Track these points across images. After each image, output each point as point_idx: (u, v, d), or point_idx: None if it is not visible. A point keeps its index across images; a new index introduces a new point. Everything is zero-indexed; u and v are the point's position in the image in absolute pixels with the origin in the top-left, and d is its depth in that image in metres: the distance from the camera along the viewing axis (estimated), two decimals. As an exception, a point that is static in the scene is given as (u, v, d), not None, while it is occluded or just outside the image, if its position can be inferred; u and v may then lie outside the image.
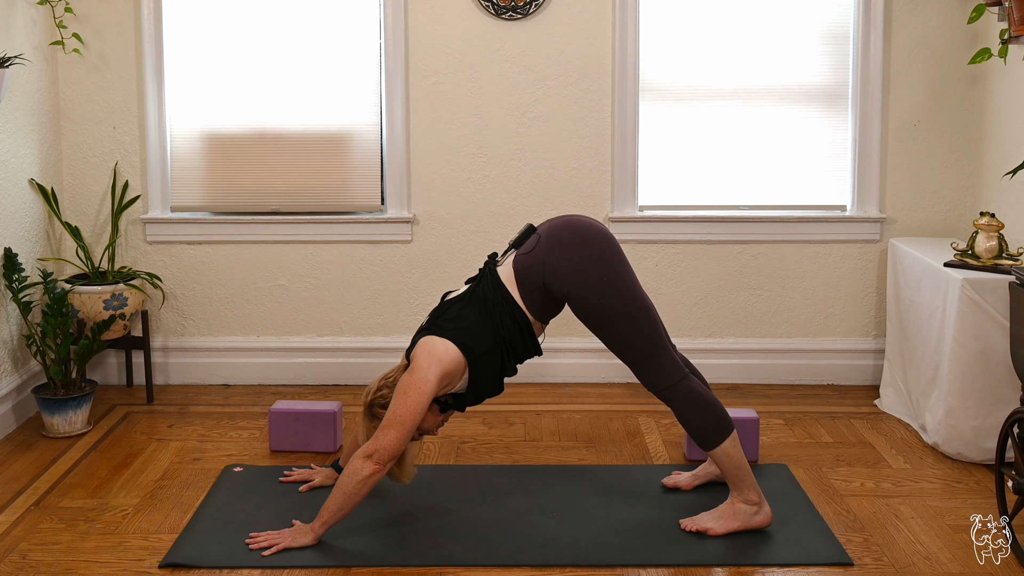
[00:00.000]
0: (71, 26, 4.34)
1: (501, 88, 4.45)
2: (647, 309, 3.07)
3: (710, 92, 4.48)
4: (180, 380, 4.59)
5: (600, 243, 3.06)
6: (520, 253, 3.09)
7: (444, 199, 4.52)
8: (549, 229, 3.10)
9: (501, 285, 3.05)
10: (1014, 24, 3.57)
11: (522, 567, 2.91)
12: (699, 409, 3.07)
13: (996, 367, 3.56)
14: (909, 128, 4.46)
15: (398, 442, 2.90)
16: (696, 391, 3.08)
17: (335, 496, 2.95)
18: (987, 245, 3.72)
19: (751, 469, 3.12)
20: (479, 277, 3.13)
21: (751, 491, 3.07)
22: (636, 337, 3.04)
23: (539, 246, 3.06)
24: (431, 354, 2.96)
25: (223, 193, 4.53)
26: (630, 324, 3.04)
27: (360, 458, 2.91)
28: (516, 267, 3.07)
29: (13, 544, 3.04)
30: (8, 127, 4.00)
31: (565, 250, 3.03)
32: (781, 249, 4.54)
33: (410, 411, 2.90)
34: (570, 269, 3.01)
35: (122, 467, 3.64)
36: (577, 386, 4.53)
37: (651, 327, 3.06)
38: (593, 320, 3.07)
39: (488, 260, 3.15)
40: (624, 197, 4.49)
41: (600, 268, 3.03)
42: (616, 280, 3.04)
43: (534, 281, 3.04)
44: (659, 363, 3.06)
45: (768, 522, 3.09)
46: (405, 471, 3.08)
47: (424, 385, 2.92)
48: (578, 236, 3.06)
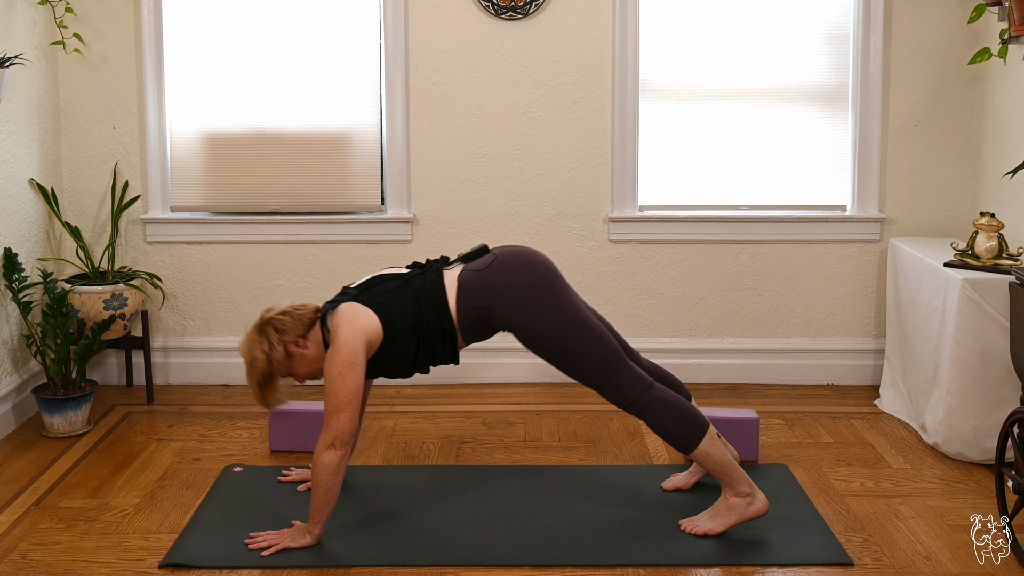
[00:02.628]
0: (71, 26, 4.34)
1: (501, 88, 4.45)
2: (596, 330, 3.07)
3: (710, 92, 4.48)
4: (180, 380, 4.59)
5: (546, 273, 3.10)
6: (469, 268, 3.11)
7: (444, 199, 4.52)
8: (503, 255, 3.13)
9: (442, 286, 3.08)
10: (1014, 24, 3.58)
11: (522, 567, 2.91)
12: (670, 416, 3.06)
13: (996, 367, 3.56)
14: (909, 128, 4.46)
15: (351, 420, 2.93)
16: (663, 399, 3.07)
17: (317, 495, 2.96)
18: (987, 245, 3.72)
19: (737, 461, 3.11)
20: (423, 269, 3.16)
21: (741, 483, 3.06)
22: (589, 359, 3.05)
23: (491, 267, 3.09)
24: (355, 324, 2.98)
25: (223, 193, 4.53)
26: (581, 347, 3.04)
27: (323, 451, 2.92)
28: (461, 279, 3.09)
29: (13, 544, 3.04)
30: (8, 127, 4.00)
31: (513, 275, 3.06)
32: (781, 249, 4.54)
33: (351, 389, 2.93)
34: (516, 296, 3.04)
35: (122, 467, 3.64)
36: (577, 386, 4.52)
37: (603, 347, 3.06)
38: (543, 347, 3.08)
39: (438, 259, 3.19)
40: (624, 197, 4.49)
41: (544, 294, 3.05)
42: (560, 305, 3.05)
43: (476, 300, 3.06)
44: (618, 381, 3.06)
45: (765, 509, 3.07)
46: (270, 398, 3.13)
47: (355, 359, 2.94)
48: (525, 265, 3.10)
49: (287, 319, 3.09)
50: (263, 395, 3.12)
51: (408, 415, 4.16)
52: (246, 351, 3.10)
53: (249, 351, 3.08)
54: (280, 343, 3.07)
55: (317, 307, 3.18)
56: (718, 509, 3.09)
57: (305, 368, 3.13)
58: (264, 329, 3.09)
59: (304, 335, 3.10)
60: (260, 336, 3.08)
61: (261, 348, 3.06)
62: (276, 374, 3.10)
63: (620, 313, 4.56)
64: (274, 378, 3.11)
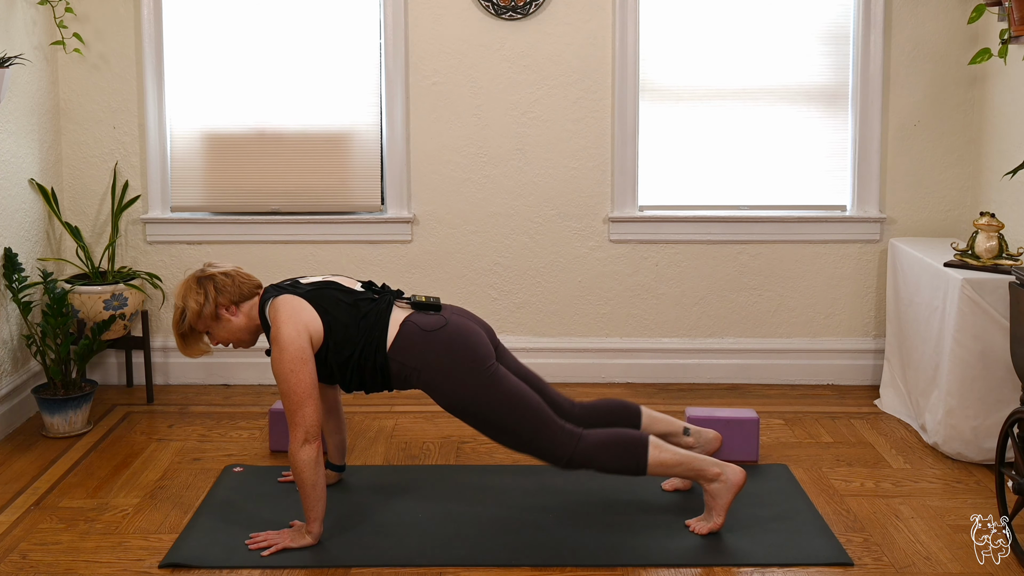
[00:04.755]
0: (71, 26, 4.34)
1: (501, 88, 4.45)
2: (522, 398, 3.02)
3: (710, 92, 4.48)
4: (180, 380, 4.59)
5: (483, 357, 3.03)
6: (415, 320, 3.06)
7: (444, 199, 4.52)
8: (450, 330, 3.06)
9: (386, 323, 3.05)
10: (1014, 24, 3.57)
11: (522, 567, 2.91)
12: (608, 455, 3.03)
13: (996, 367, 3.56)
14: (909, 128, 4.46)
15: (315, 412, 2.93)
16: (595, 443, 3.03)
17: (305, 493, 2.96)
18: (987, 245, 3.72)
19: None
20: (375, 295, 3.13)
21: (707, 469, 3.04)
22: (515, 429, 3.01)
23: (434, 334, 3.03)
24: (298, 320, 2.97)
25: (223, 193, 4.53)
26: (505, 418, 3.01)
27: (298, 449, 2.92)
28: (404, 327, 3.05)
29: (13, 544, 3.04)
30: (8, 127, 4.00)
31: (450, 354, 3.01)
32: (781, 249, 4.54)
33: (307, 383, 2.93)
34: (443, 370, 3.00)
35: (122, 467, 3.64)
36: (577, 386, 4.52)
37: (529, 415, 3.01)
38: (468, 419, 3.06)
39: (391, 291, 3.17)
40: (624, 197, 4.49)
41: (470, 373, 3.00)
42: (486, 382, 3.00)
43: (406, 355, 3.02)
44: (548, 443, 3.02)
45: (742, 477, 3.03)
46: (192, 349, 3.14)
47: (303, 354, 2.94)
48: (464, 346, 3.03)
49: (228, 281, 3.10)
50: (184, 344, 3.13)
51: (408, 415, 4.15)
52: (180, 297, 3.11)
53: (184, 297, 3.09)
54: (214, 302, 3.07)
55: (260, 283, 3.18)
56: (708, 504, 3.08)
57: (225, 334, 3.13)
58: (203, 282, 3.09)
59: (238, 303, 3.11)
60: (199, 287, 3.09)
61: (196, 299, 3.07)
62: (196, 328, 3.11)
63: (620, 313, 4.56)
64: (196, 331, 3.13)
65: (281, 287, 3.12)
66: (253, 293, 3.14)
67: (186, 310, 3.07)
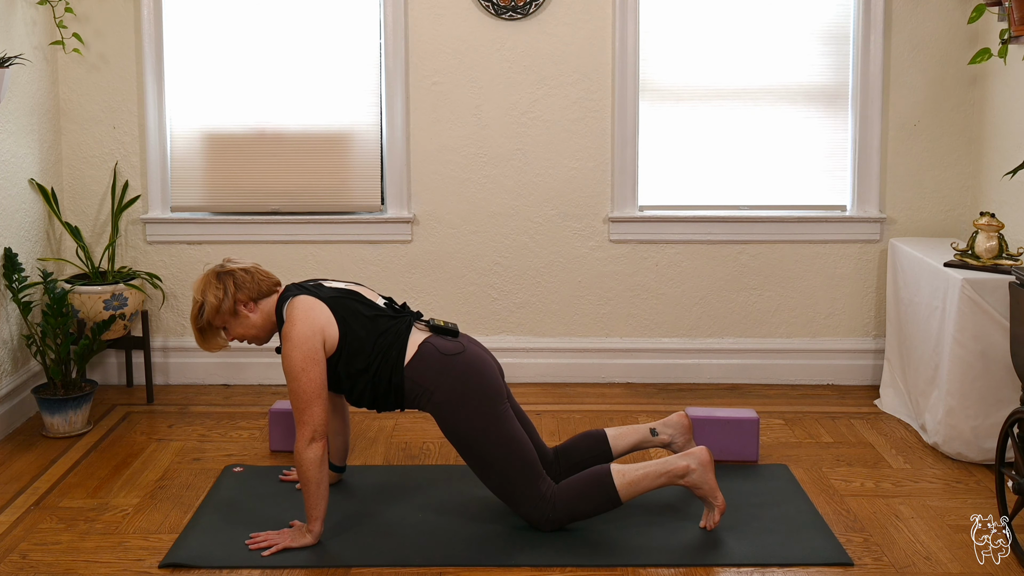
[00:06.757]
0: (71, 26, 4.34)
1: (501, 88, 4.45)
2: (519, 445, 3.03)
3: (710, 92, 4.48)
4: (180, 380, 4.59)
5: (494, 392, 3.05)
6: (433, 343, 3.07)
7: (444, 199, 4.52)
8: (467, 357, 3.07)
9: (404, 342, 3.06)
10: (1014, 24, 3.57)
11: (522, 567, 2.91)
12: (583, 502, 3.05)
13: (996, 367, 3.56)
14: (909, 128, 4.46)
15: (323, 412, 2.95)
16: (567, 498, 3.04)
17: (309, 492, 2.97)
18: (987, 245, 3.72)
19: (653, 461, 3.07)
20: (396, 313, 3.13)
21: (675, 466, 3.03)
22: (504, 471, 3.02)
23: (452, 359, 3.04)
24: (314, 321, 2.98)
25: (223, 193, 4.53)
26: (499, 458, 3.02)
27: (305, 447, 2.93)
28: (422, 349, 3.05)
29: (13, 544, 3.04)
30: (8, 127, 4.00)
31: (464, 381, 3.02)
32: (781, 249, 4.54)
33: (316, 383, 2.95)
34: (457, 398, 3.01)
35: (122, 467, 3.64)
36: (577, 386, 4.52)
37: (521, 461, 3.02)
38: (463, 450, 3.06)
39: (412, 312, 3.17)
40: (624, 197, 4.49)
41: (481, 407, 3.01)
42: (492, 419, 3.02)
43: (423, 377, 3.03)
44: (528, 497, 3.03)
45: (708, 453, 3.04)
46: (210, 343, 3.16)
47: (315, 354, 2.96)
48: (478, 375, 3.04)
49: (248, 277, 3.11)
50: (202, 338, 3.15)
51: (408, 415, 4.15)
52: (199, 291, 3.11)
53: (203, 292, 3.10)
54: (233, 297, 3.08)
55: (279, 281, 3.19)
56: (700, 498, 3.08)
57: (242, 330, 3.13)
58: (223, 277, 3.10)
59: (256, 300, 3.12)
60: (219, 282, 3.10)
61: (215, 294, 3.08)
62: (213, 323, 3.11)
63: (620, 313, 4.56)
64: (214, 326, 3.14)
65: (304, 287, 3.12)
66: (272, 290, 3.15)
67: (205, 304, 3.08)
